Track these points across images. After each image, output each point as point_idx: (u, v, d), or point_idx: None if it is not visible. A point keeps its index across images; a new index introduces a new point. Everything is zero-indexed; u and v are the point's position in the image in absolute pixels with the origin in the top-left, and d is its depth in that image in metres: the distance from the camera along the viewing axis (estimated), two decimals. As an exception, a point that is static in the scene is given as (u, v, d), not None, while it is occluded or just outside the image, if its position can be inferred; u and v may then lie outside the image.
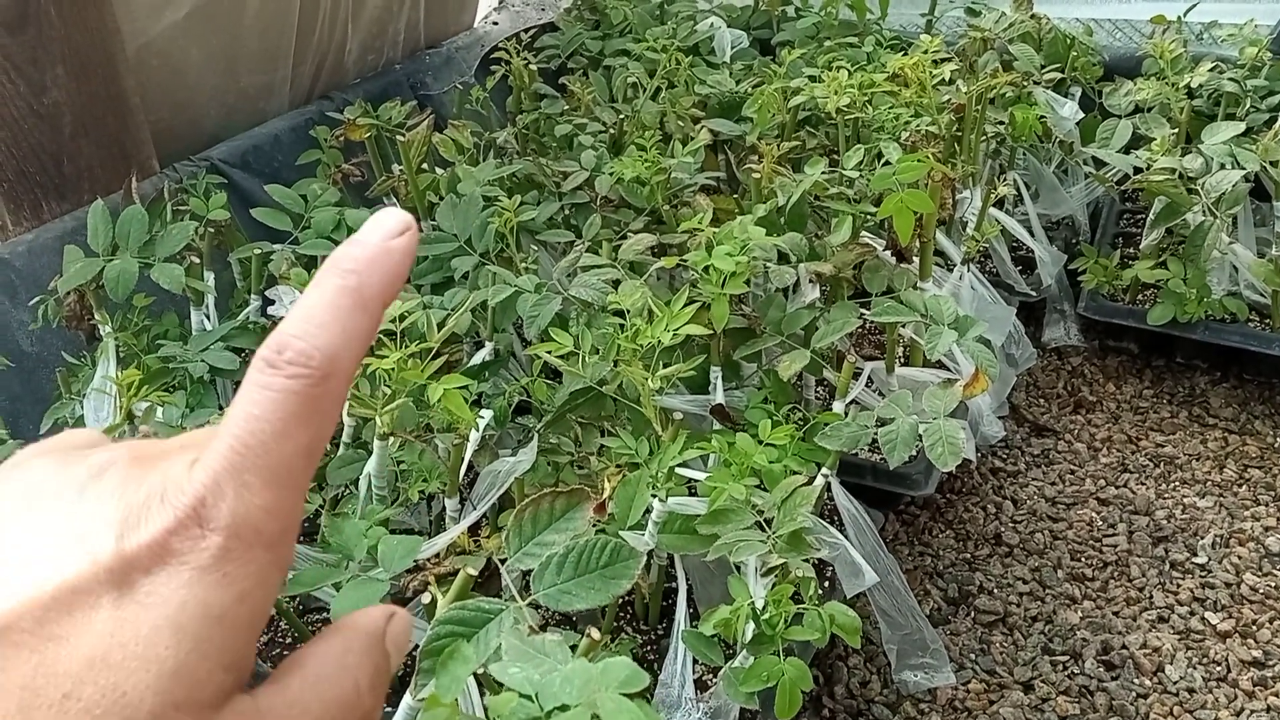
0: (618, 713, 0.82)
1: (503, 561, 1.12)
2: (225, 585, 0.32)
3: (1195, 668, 1.80)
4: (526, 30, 3.13)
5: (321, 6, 2.55)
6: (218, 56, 2.34)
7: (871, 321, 1.85)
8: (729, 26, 2.92)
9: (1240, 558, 2.01)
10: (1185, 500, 2.15)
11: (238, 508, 0.33)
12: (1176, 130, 2.41)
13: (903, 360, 1.98)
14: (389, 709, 1.31)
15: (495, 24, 3.32)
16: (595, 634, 1.04)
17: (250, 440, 0.33)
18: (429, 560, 1.47)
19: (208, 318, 1.93)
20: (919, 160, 1.79)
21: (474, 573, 1.15)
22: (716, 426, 1.67)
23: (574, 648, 0.98)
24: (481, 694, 1.26)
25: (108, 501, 0.33)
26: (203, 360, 1.77)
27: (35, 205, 2.07)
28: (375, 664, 0.37)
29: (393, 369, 1.43)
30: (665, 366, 1.50)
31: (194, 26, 2.25)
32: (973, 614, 1.93)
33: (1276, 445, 2.28)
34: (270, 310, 1.87)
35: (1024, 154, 2.61)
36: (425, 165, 2.16)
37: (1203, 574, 1.98)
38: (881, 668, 1.81)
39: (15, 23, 1.91)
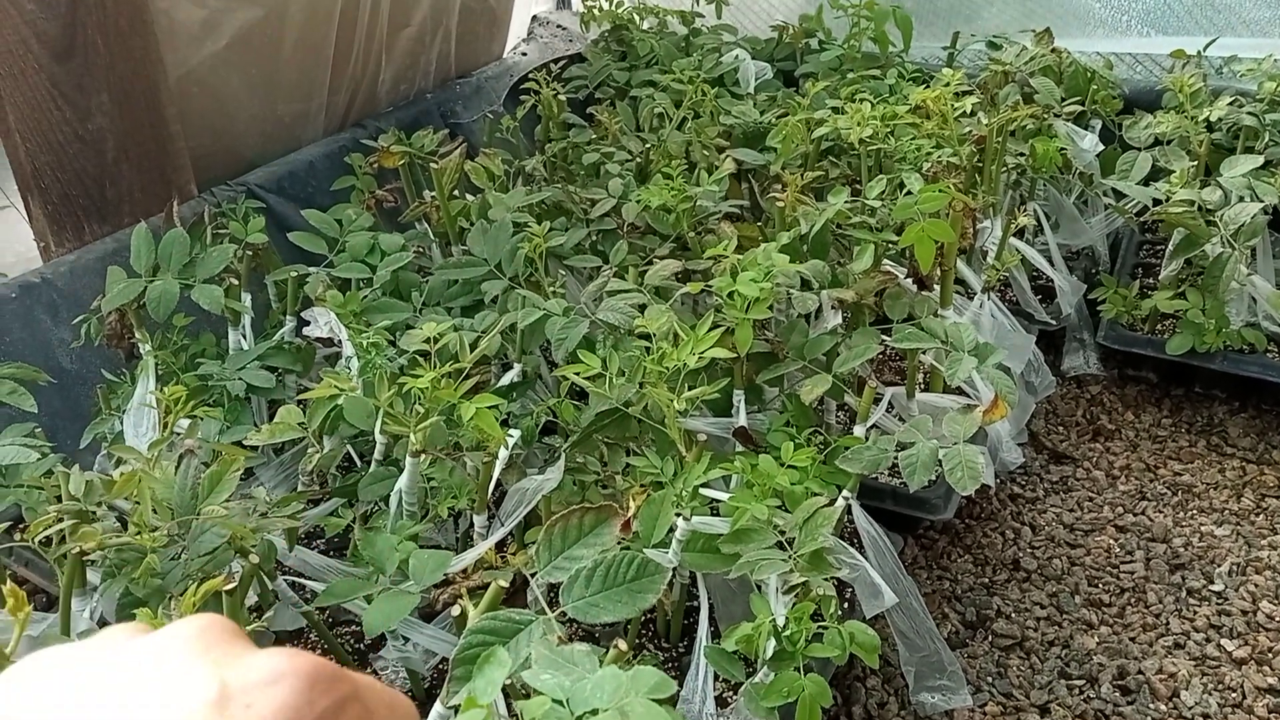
0: (647, 717, 0.86)
1: (531, 576, 1.16)
2: None
3: (1211, 694, 1.82)
4: (555, 61, 3.19)
5: (356, 38, 2.62)
6: (257, 85, 2.41)
7: (892, 347, 1.89)
8: (753, 58, 2.98)
9: (1257, 586, 2.02)
10: (1203, 528, 2.17)
11: (363, 689, 0.37)
12: (1195, 163, 2.44)
13: (923, 386, 2.02)
14: None
15: (524, 54, 3.39)
16: (623, 645, 1.07)
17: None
18: (457, 575, 1.50)
19: (244, 337, 1.98)
20: (940, 190, 1.83)
21: (505, 585, 1.19)
22: (739, 448, 1.70)
23: (601, 661, 1.01)
24: (508, 704, 1.29)
25: (203, 661, 0.36)
26: (240, 378, 1.83)
27: (77, 227, 2.13)
28: None
29: (426, 388, 1.47)
30: (690, 389, 1.53)
31: (234, 56, 2.32)
32: (990, 637, 1.95)
33: (1295, 475, 2.30)
34: (305, 331, 1.92)
35: (1044, 185, 2.64)
36: (456, 192, 2.21)
37: (1219, 601, 2.00)
38: (899, 689, 1.83)
39: (63, 51, 1.98)
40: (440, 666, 1.61)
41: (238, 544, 1.34)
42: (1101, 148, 2.58)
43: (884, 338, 1.80)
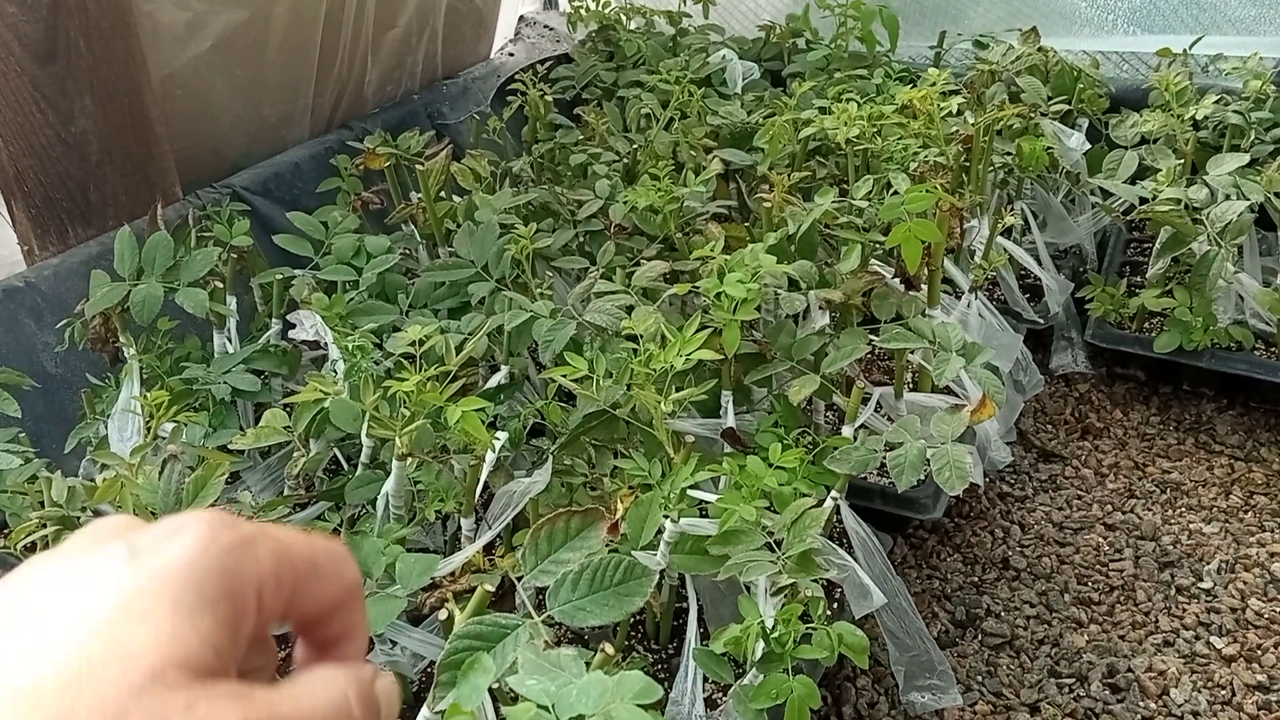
0: (632, 721, 0.85)
1: (518, 579, 1.15)
2: (221, 577, 0.36)
3: (1200, 691, 1.82)
4: (542, 61, 3.18)
5: (342, 38, 2.61)
6: (241, 87, 2.40)
7: (880, 347, 1.88)
8: (740, 58, 2.97)
9: (1245, 583, 2.02)
10: (1191, 526, 2.17)
11: (261, 530, 0.39)
12: (1182, 161, 2.44)
13: (911, 386, 2.01)
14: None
15: (511, 55, 3.38)
16: (609, 649, 1.06)
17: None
18: (445, 578, 1.50)
19: (230, 341, 1.97)
20: (927, 190, 1.83)
21: (491, 589, 1.18)
22: (727, 449, 1.70)
23: (588, 664, 1.01)
24: (495, 708, 1.28)
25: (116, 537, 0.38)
26: (225, 382, 1.81)
27: (61, 231, 2.12)
28: (364, 690, 0.41)
29: (412, 391, 1.46)
30: (677, 390, 1.53)
31: (218, 58, 2.31)
32: (980, 636, 1.95)
33: (1282, 472, 2.30)
34: (291, 334, 1.91)
35: (1031, 184, 2.64)
36: (443, 193, 2.20)
37: (1208, 599, 2.00)
38: (889, 689, 1.83)
39: (45, 54, 1.96)
40: (428, 670, 1.60)
41: (223, 549, 1.33)
42: (1088, 146, 2.58)
43: (871, 338, 1.80)
